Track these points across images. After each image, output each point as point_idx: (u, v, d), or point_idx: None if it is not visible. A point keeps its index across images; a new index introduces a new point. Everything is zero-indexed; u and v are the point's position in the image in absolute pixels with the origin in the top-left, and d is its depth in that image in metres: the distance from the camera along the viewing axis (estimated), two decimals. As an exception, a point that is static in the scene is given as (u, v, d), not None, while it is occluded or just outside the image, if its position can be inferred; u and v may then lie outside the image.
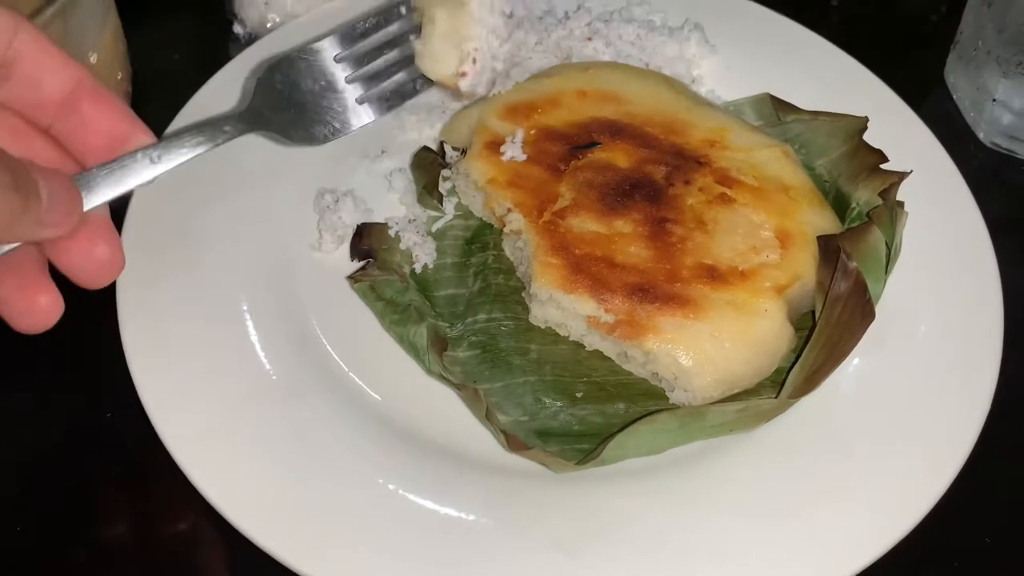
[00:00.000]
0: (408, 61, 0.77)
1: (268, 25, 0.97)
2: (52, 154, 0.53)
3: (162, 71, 0.97)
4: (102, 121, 0.52)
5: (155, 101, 0.90)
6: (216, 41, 1.01)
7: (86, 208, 0.50)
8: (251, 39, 0.98)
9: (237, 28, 0.99)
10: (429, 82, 0.78)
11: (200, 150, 0.56)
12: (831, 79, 0.93)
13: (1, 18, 0.49)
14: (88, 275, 0.53)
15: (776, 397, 0.71)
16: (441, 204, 0.82)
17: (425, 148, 0.86)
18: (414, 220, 0.82)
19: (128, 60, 0.81)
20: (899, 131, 0.88)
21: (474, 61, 0.67)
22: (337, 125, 0.69)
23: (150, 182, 0.53)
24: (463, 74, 0.68)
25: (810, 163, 0.86)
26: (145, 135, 0.53)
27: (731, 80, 0.95)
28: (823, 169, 0.85)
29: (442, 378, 0.71)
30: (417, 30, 0.75)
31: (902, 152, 0.83)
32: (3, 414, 0.75)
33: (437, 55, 0.68)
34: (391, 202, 0.85)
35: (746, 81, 0.94)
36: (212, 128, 0.57)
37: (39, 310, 0.52)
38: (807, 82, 0.93)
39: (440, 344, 0.70)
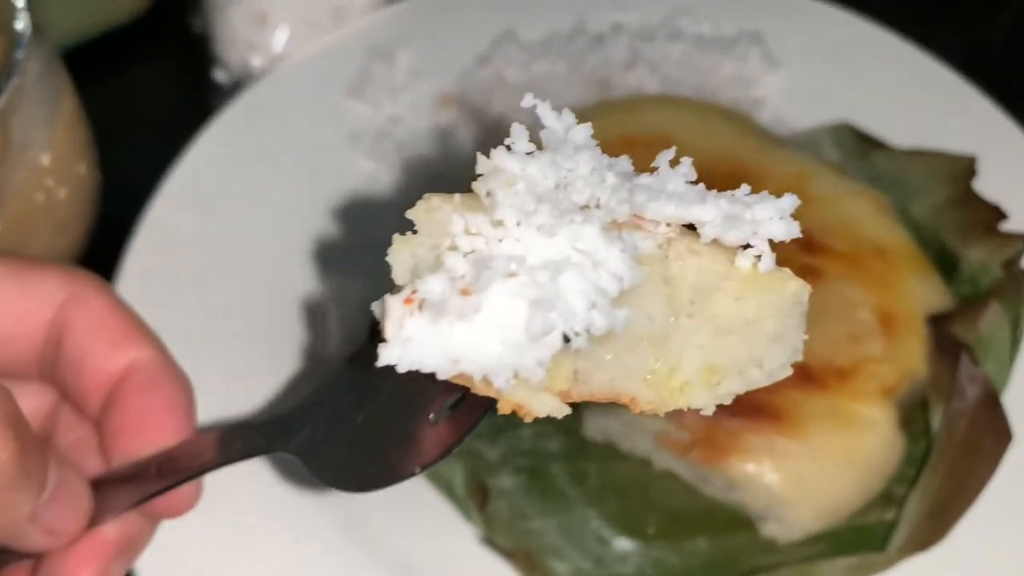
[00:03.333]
0: None
1: (255, 68, 0.87)
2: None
3: (134, 131, 0.87)
4: (145, 421, 0.42)
5: (128, 170, 0.80)
6: (194, 90, 0.90)
7: (91, 524, 0.40)
8: (235, 86, 0.87)
9: (218, 75, 0.88)
10: None
11: (223, 464, 0.42)
12: (926, 99, 0.81)
13: (48, 282, 0.41)
14: None
15: (894, 519, 0.61)
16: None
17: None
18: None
19: (92, 144, 0.70)
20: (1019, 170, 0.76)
21: (414, 307, 0.34)
22: (394, 462, 0.41)
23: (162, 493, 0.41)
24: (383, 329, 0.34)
25: (904, 205, 0.74)
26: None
27: (800, 102, 0.83)
28: (920, 214, 0.74)
29: (487, 539, 0.61)
30: None
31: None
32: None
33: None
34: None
35: (819, 101, 0.83)
36: (239, 438, 0.42)
37: None
38: (894, 102, 0.81)
39: (480, 495, 0.61)
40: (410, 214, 0.36)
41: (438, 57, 0.87)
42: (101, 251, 0.73)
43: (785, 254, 0.68)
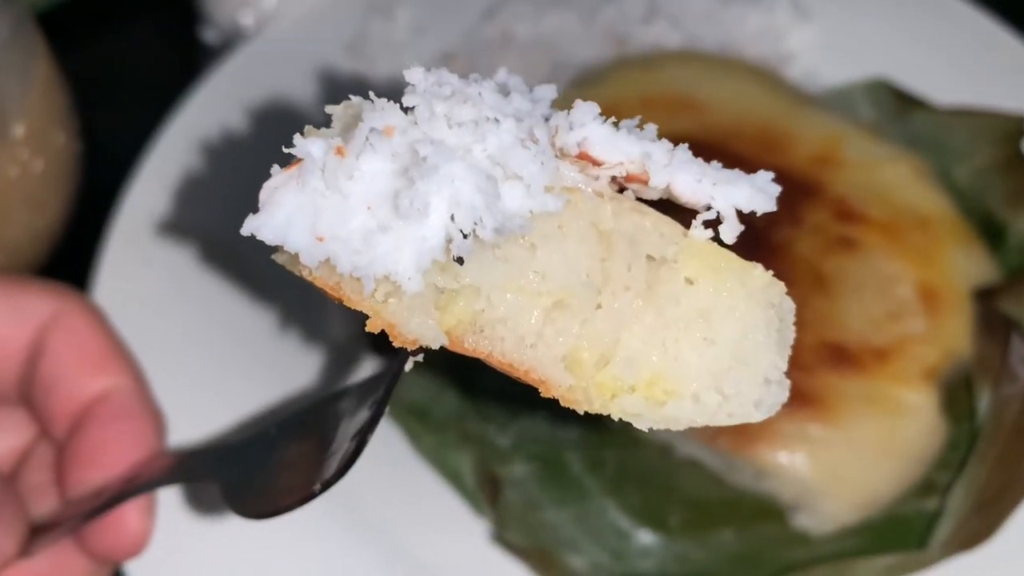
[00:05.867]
0: None
1: (245, 26, 0.83)
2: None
3: (117, 96, 0.85)
4: (105, 452, 0.41)
5: (112, 138, 0.78)
6: (181, 51, 0.87)
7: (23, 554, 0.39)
8: (225, 46, 0.83)
9: (207, 34, 0.85)
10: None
11: (158, 486, 0.42)
12: (969, 53, 0.77)
13: (30, 302, 0.41)
14: None
15: (936, 510, 0.59)
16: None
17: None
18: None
19: (72, 112, 0.67)
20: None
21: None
22: (304, 487, 0.40)
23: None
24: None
25: (946, 169, 0.71)
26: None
27: (833, 56, 0.80)
28: (964, 179, 0.71)
29: (499, 536, 0.59)
30: None
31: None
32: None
33: None
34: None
35: (853, 56, 0.79)
36: (181, 464, 0.43)
37: None
38: (935, 56, 0.77)
39: (491, 486, 0.58)
40: (329, 109, 0.35)
41: (441, 12, 0.84)
42: (85, 227, 0.70)
43: (817, 221, 0.66)
